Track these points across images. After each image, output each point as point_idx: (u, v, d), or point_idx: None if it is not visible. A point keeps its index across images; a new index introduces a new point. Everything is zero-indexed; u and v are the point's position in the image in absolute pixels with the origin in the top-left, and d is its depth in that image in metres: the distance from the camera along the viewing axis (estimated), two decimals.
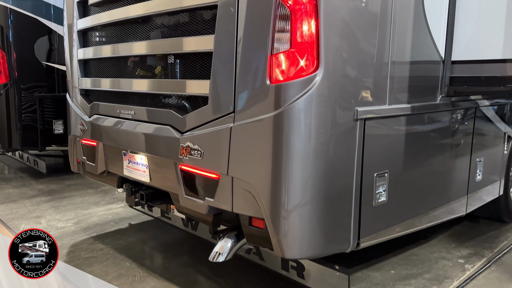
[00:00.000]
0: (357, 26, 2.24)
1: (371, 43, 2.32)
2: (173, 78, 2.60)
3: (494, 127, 3.67)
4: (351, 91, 2.24)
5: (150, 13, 2.62)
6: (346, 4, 2.15)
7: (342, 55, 2.17)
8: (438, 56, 2.79)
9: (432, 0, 2.64)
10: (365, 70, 2.32)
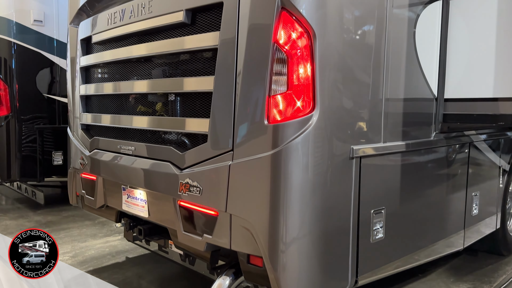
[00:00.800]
0: (351, 67, 2.32)
1: (365, 83, 2.40)
2: (173, 116, 2.66)
3: (489, 161, 3.73)
4: (347, 130, 2.30)
5: (153, 54, 2.71)
6: (340, 48, 2.24)
7: (337, 96, 2.24)
8: (431, 94, 2.87)
9: (423, 41, 2.75)
10: (360, 110, 2.39)
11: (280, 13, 2.04)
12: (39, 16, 5.78)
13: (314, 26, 2.05)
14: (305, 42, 2.08)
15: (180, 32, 2.54)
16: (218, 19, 2.30)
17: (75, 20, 3.56)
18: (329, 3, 2.13)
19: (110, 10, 3.03)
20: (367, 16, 2.37)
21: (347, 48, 2.28)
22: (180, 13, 2.46)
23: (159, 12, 2.61)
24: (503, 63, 2.69)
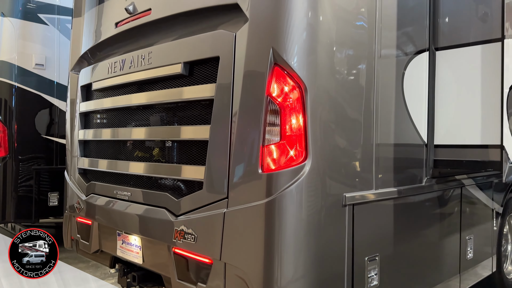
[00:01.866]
0: (342, 117, 2.40)
1: (355, 132, 2.47)
2: (169, 162, 2.72)
3: (482, 204, 3.77)
4: (339, 178, 2.35)
5: (151, 103, 2.80)
6: (331, 99, 2.32)
7: (329, 145, 2.31)
8: (420, 140, 2.95)
9: (411, 90, 2.85)
10: (351, 157, 2.45)
11: (273, 68, 2.14)
12: (40, 60, 5.94)
13: (305, 80, 2.15)
14: (297, 95, 2.17)
15: (178, 82, 2.64)
16: (214, 72, 2.40)
17: (76, 67, 3.68)
18: (319, 59, 2.23)
19: (111, 60, 3.15)
20: (356, 68, 2.47)
21: (337, 99, 2.37)
22: (178, 65, 2.57)
23: (158, 63, 2.72)
24: (488, 111, 2.78)
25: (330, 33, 2.28)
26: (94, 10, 3.44)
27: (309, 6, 2.17)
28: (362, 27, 2.47)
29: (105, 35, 3.23)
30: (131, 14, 2.90)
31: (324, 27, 2.26)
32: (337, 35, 2.32)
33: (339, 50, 2.34)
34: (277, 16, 2.15)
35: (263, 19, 2.21)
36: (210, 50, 2.43)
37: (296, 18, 2.14)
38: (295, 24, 2.13)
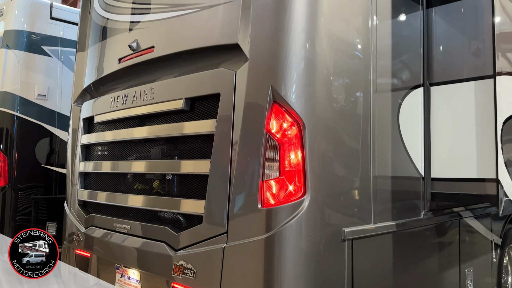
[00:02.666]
0: (340, 151, 2.44)
1: (354, 165, 2.51)
2: (169, 196, 2.74)
3: (480, 236, 3.77)
4: (338, 212, 2.38)
5: (152, 137, 2.85)
6: (329, 134, 2.37)
7: (327, 180, 2.34)
8: (417, 173, 2.99)
9: (407, 123, 2.91)
10: (350, 191, 2.48)
11: (272, 106, 2.21)
12: (43, 91, 6.03)
13: (303, 117, 2.20)
14: (296, 131, 2.22)
15: (179, 117, 2.70)
16: (215, 108, 2.46)
17: (78, 100, 3.75)
18: (317, 92, 2.29)
19: (114, 94, 3.22)
20: (353, 104, 2.54)
21: (335, 134, 2.42)
22: (180, 101, 2.64)
23: (160, 99, 2.79)
24: (483, 145, 2.84)
25: (327, 64, 2.35)
26: (98, 45, 3.54)
27: (307, 43, 2.25)
28: (358, 58, 2.54)
29: (108, 70, 3.32)
30: (135, 51, 2.99)
31: (321, 59, 2.32)
32: (334, 66, 2.38)
33: (336, 81, 2.40)
34: (275, 56, 2.23)
35: (262, 58, 2.28)
36: (211, 87, 2.50)
37: (294, 58, 2.22)
38: (293, 64, 2.21)
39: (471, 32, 3.01)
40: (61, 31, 6.30)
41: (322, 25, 2.29)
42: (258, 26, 2.31)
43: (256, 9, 2.32)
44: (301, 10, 2.22)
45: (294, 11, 2.22)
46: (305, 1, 2.24)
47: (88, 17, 3.77)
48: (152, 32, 2.94)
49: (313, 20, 2.26)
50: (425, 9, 3.11)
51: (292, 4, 2.21)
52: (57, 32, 6.23)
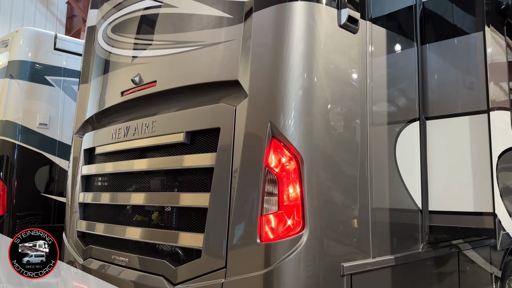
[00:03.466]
0: (338, 185, 2.47)
1: (352, 199, 2.53)
2: (168, 229, 2.75)
3: (480, 268, 3.75)
4: (336, 247, 2.39)
5: (152, 169, 2.89)
6: (326, 169, 2.41)
7: (326, 214, 2.36)
8: (415, 206, 3.01)
9: (404, 157, 2.95)
10: (348, 225, 2.50)
11: (271, 141, 2.25)
12: (44, 120, 6.10)
13: (301, 152, 2.25)
14: (294, 166, 2.26)
15: (180, 150, 2.74)
16: (215, 142, 2.51)
17: (80, 131, 3.81)
18: (315, 132, 2.34)
19: (115, 126, 3.27)
20: (351, 137, 2.57)
21: (332, 169, 2.46)
22: (181, 134, 2.68)
23: (161, 132, 2.84)
24: (479, 179, 2.87)
25: (324, 102, 2.39)
26: (101, 78, 3.62)
27: (304, 82, 2.31)
28: (354, 93, 2.59)
29: (111, 102, 3.38)
30: (137, 84, 3.06)
31: (319, 97, 2.37)
32: (331, 103, 2.43)
33: (333, 116, 2.45)
34: (274, 93, 2.29)
35: (261, 95, 2.35)
36: (212, 122, 2.56)
37: (291, 95, 2.28)
38: (291, 101, 2.27)
39: (464, 67, 3.10)
40: (64, 61, 6.43)
41: (319, 66, 2.37)
42: (257, 64, 2.39)
43: (255, 47, 2.40)
44: (299, 50, 2.30)
45: (291, 50, 2.29)
46: (302, 42, 2.32)
47: (92, 50, 3.87)
48: (154, 67, 3.02)
49: (310, 61, 2.33)
50: (420, 46, 3.20)
51: (290, 44, 2.29)
52: (60, 63, 6.35)
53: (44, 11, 13.90)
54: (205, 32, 2.74)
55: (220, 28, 2.64)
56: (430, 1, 3.26)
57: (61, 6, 14.31)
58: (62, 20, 14.35)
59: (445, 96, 3.12)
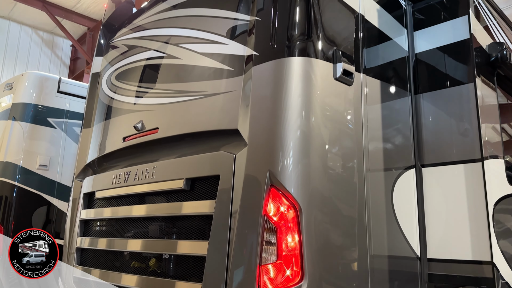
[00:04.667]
0: (336, 233, 2.49)
1: (351, 246, 2.54)
2: (165, 277, 2.73)
3: None
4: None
5: (151, 215, 2.91)
6: (325, 218, 2.44)
7: (324, 263, 2.36)
8: (413, 254, 3.01)
9: (401, 204, 2.98)
10: (347, 273, 2.49)
11: (269, 189, 2.30)
12: (44, 161, 6.15)
13: (300, 202, 2.28)
14: (293, 215, 2.29)
15: (179, 197, 2.77)
16: (214, 189, 2.55)
17: (80, 175, 3.84)
18: (313, 182, 2.39)
19: (116, 171, 3.31)
20: (348, 188, 2.61)
21: (331, 217, 2.48)
22: (181, 181, 2.73)
23: (162, 178, 2.88)
24: (476, 227, 2.89)
25: (323, 154, 2.45)
26: (103, 123, 3.71)
27: (303, 135, 2.38)
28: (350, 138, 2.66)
29: (113, 147, 3.45)
30: (139, 131, 3.14)
31: (317, 151, 2.43)
32: (328, 147, 2.48)
33: (330, 167, 2.49)
34: (273, 142, 2.36)
35: (260, 144, 2.41)
36: (211, 169, 2.61)
37: (290, 146, 2.34)
38: (289, 151, 2.33)
39: (457, 116, 3.19)
40: (67, 104, 6.57)
41: (316, 118, 2.45)
42: (256, 114, 2.47)
43: (254, 99, 2.50)
44: (296, 102, 2.39)
45: (289, 103, 2.38)
46: (299, 95, 2.41)
47: (95, 96, 3.98)
48: (157, 114, 3.11)
49: (307, 114, 2.41)
50: (413, 95, 3.31)
51: (287, 97, 2.39)
52: (63, 105, 6.48)
53: (49, 53, 14.29)
54: (206, 82, 2.85)
55: (221, 80, 2.75)
56: (423, 53, 3.40)
57: (65, 49, 14.72)
58: (66, 62, 14.72)
59: (439, 144, 3.19)
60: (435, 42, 3.34)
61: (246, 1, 2.76)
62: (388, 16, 3.22)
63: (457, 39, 3.21)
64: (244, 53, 2.66)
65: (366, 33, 2.91)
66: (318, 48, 2.53)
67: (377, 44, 3.06)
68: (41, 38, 14.13)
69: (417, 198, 3.12)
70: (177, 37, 3.21)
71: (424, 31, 3.42)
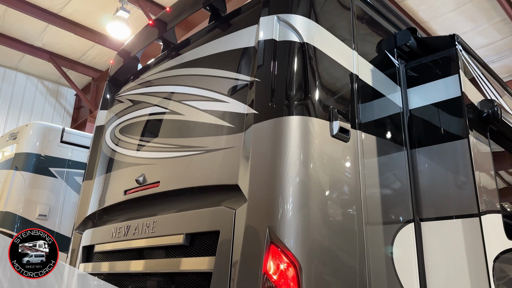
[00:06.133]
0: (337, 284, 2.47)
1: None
2: None
3: None
4: None
5: (150, 271, 2.89)
6: (327, 271, 2.42)
7: None
8: None
9: (401, 259, 2.96)
10: None
11: (269, 247, 2.31)
12: (44, 211, 6.14)
13: (300, 259, 2.29)
14: (293, 273, 2.29)
15: (179, 252, 2.78)
16: (214, 245, 2.56)
17: (80, 227, 3.85)
18: (313, 239, 2.40)
19: (116, 225, 3.33)
20: (348, 244, 2.62)
21: (332, 270, 2.47)
22: (181, 236, 2.74)
23: (162, 232, 2.90)
24: (477, 282, 2.87)
25: (320, 202, 2.48)
26: (105, 175, 3.76)
27: (302, 192, 2.43)
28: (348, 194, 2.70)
29: (114, 200, 3.48)
30: (141, 184, 3.19)
31: (317, 208, 2.47)
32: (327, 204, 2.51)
33: (330, 224, 2.52)
34: (272, 199, 2.40)
35: (260, 200, 2.46)
36: (211, 225, 2.63)
37: (290, 203, 2.38)
38: (290, 208, 2.37)
39: (453, 171, 3.25)
40: (69, 153, 6.66)
41: (314, 174, 2.51)
42: (256, 170, 2.53)
43: (254, 155, 2.57)
44: (294, 160, 2.46)
45: (287, 160, 2.45)
46: (298, 153, 2.48)
47: (98, 148, 4.07)
48: (158, 168, 3.17)
49: (305, 170, 2.48)
50: (409, 150, 3.39)
51: (286, 154, 2.46)
52: (65, 154, 6.58)
53: (53, 102, 14.60)
54: (208, 138, 2.94)
55: (222, 136, 2.84)
56: (417, 109, 3.52)
57: (69, 98, 15.07)
58: (69, 111, 15.01)
59: (437, 198, 3.23)
60: (429, 99, 3.46)
61: (246, 62, 2.91)
62: (381, 75, 3.37)
63: (449, 96, 3.33)
64: (245, 111, 2.77)
65: (361, 91, 3.04)
66: (315, 107, 2.64)
67: (372, 102, 3.18)
68: (46, 88, 14.50)
69: (417, 253, 3.11)
70: (180, 94, 3.35)
71: (417, 88, 3.56)
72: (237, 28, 3.15)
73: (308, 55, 2.70)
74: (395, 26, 3.79)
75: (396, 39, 3.51)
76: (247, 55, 2.94)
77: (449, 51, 3.41)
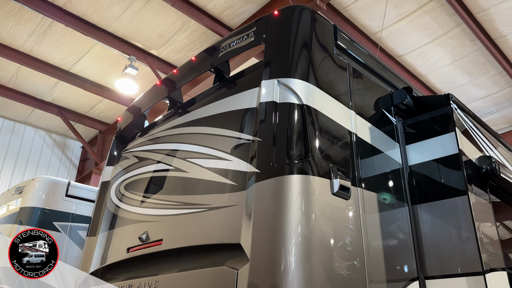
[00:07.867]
0: None
1: None
2: None
3: None
4: None
5: None
6: None
7: None
8: None
9: None
10: None
11: None
12: None
13: None
14: None
15: None
16: None
17: (82, 286, 3.81)
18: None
19: (118, 283, 3.31)
20: None
21: None
22: None
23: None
24: None
25: (321, 259, 2.48)
26: (108, 232, 3.78)
27: (304, 252, 2.44)
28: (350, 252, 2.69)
29: (116, 258, 3.48)
30: (144, 242, 3.21)
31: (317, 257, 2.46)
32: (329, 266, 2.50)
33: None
34: (275, 259, 2.42)
35: (262, 260, 2.47)
36: (214, 285, 2.63)
37: (292, 261, 2.40)
38: (292, 269, 2.38)
39: (455, 227, 3.25)
40: (74, 207, 6.68)
41: (316, 232, 2.54)
42: (258, 229, 2.56)
43: (256, 213, 2.61)
44: (296, 219, 2.50)
45: (289, 219, 2.49)
46: (299, 211, 2.53)
47: (103, 204, 4.12)
48: (161, 226, 3.21)
49: (307, 229, 2.51)
50: (411, 206, 3.42)
51: (287, 213, 2.50)
52: (70, 208, 6.60)
53: (60, 154, 14.81)
54: (210, 196, 2.99)
55: (224, 194, 2.90)
56: (416, 165, 3.58)
57: (76, 150, 15.30)
58: (75, 163, 15.18)
59: (440, 255, 3.21)
60: (427, 155, 3.54)
61: (249, 122, 3.03)
62: (379, 132, 3.47)
63: (447, 153, 3.41)
64: (247, 169, 2.84)
65: (360, 149, 3.12)
66: (315, 166, 2.72)
67: (372, 159, 3.26)
68: (53, 141, 14.77)
69: None
70: (185, 151, 3.45)
71: (416, 145, 3.64)
72: (240, 89, 3.31)
73: (308, 116, 2.81)
74: (391, 85, 3.95)
75: (393, 98, 3.65)
76: (249, 115, 3.07)
77: (444, 110, 3.53)
